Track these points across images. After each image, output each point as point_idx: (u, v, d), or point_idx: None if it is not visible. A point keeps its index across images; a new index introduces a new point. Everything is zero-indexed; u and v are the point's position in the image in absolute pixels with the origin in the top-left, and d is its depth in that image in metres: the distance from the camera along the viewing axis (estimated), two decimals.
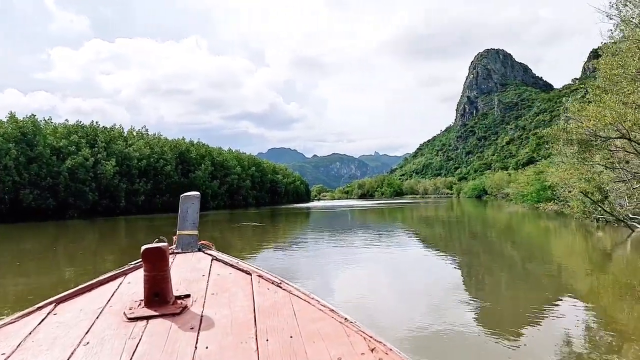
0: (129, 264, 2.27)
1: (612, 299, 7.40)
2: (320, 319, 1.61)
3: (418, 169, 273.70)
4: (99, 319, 1.63)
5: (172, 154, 57.96)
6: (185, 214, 2.60)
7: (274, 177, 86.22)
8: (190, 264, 2.28)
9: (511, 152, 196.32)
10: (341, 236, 19.76)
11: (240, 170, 69.65)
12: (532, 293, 7.67)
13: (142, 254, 1.67)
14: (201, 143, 67.89)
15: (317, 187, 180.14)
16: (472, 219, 29.90)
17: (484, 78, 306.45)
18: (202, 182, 59.88)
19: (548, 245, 14.68)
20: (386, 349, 1.38)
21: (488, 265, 11.14)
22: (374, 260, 12.03)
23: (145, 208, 50.80)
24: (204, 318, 1.62)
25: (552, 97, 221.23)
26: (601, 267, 10.60)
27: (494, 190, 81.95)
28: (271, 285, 1.95)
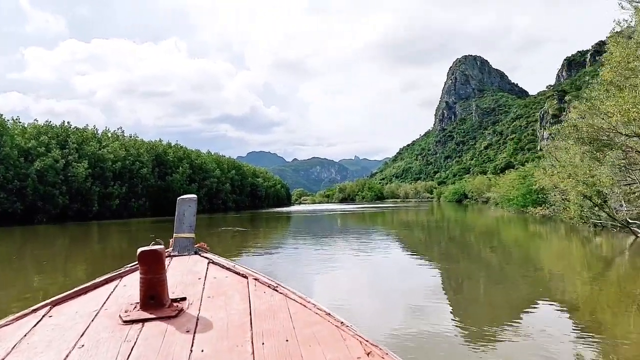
0: (125, 266, 2.25)
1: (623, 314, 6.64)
2: (316, 322, 1.61)
3: (398, 173, 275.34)
4: (94, 321, 1.62)
5: (148, 156, 56.04)
6: (182, 216, 2.59)
7: (254, 181, 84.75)
8: (186, 267, 2.27)
9: (489, 156, 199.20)
10: (323, 241, 19.15)
11: (219, 173, 68.03)
12: (549, 312, 6.90)
13: (138, 257, 1.68)
14: (179, 145, 66.06)
15: (297, 191, 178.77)
16: (462, 225, 29.27)
17: (462, 84, 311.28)
18: (180, 185, 58.10)
19: (551, 254, 14.02)
20: (382, 352, 1.40)
21: (489, 277, 10.34)
22: (358, 265, 11.81)
23: (120, 212, 48.81)
24: (199, 321, 1.62)
25: (528, 103, 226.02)
26: (619, 278, 9.91)
27: (475, 194, 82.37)
28: (267, 288, 1.95)
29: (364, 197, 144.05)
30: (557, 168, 18.65)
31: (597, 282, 8.98)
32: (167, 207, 56.45)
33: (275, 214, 53.41)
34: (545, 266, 11.44)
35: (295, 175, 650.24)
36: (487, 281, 9.53)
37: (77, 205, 44.52)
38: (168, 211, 57.14)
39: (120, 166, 50.45)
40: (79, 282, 2.08)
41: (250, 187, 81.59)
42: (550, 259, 12.62)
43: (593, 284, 8.82)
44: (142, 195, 52.75)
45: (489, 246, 16.01)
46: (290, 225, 33.68)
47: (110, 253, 17.35)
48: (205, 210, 62.69)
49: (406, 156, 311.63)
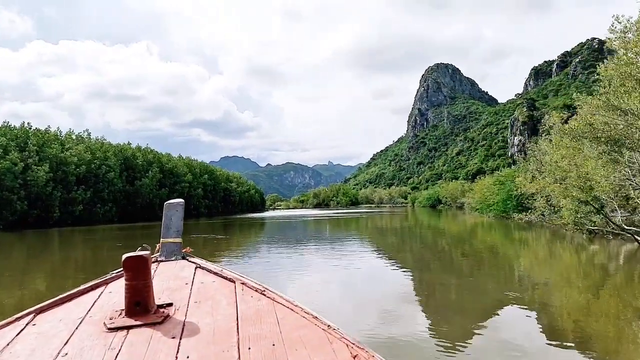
0: (110, 272, 2.21)
1: None
2: (303, 326, 1.62)
3: (371, 179, 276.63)
4: (78, 329, 1.60)
5: (116, 159, 53.51)
6: (169, 221, 2.58)
7: (227, 186, 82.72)
8: (173, 272, 2.25)
9: (461, 162, 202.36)
10: (298, 248, 18.60)
11: (191, 178, 65.87)
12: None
13: (123, 263, 1.66)
14: (149, 149, 63.62)
15: (271, 196, 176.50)
16: (444, 233, 28.61)
17: (434, 91, 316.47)
18: (149, 190, 55.80)
19: (552, 263, 13.33)
20: (369, 355, 1.41)
21: (492, 297, 9.46)
22: (333, 272, 11.59)
23: (84, 219, 46.24)
24: (186, 327, 1.61)
25: (498, 110, 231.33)
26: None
27: (449, 199, 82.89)
28: (255, 292, 1.96)
29: (339, 203, 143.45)
30: (545, 173, 18.12)
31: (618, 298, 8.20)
32: (136, 213, 54.16)
33: (249, 220, 51.87)
34: (556, 284, 10.26)
35: (269, 181, 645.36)
36: (492, 303, 8.54)
37: (36, 211, 41.85)
38: (137, 217, 54.98)
39: (85, 170, 47.87)
40: (39, 295, 1.76)
41: (223, 192, 79.55)
42: (561, 275, 11.36)
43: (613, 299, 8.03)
44: (109, 200, 50.24)
45: (482, 257, 15.20)
46: (264, 232, 32.41)
47: (73, 263, 16.03)
48: None
49: (379, 162, 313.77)
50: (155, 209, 56.77)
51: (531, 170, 23.00)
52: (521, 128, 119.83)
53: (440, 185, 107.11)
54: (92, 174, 49.11)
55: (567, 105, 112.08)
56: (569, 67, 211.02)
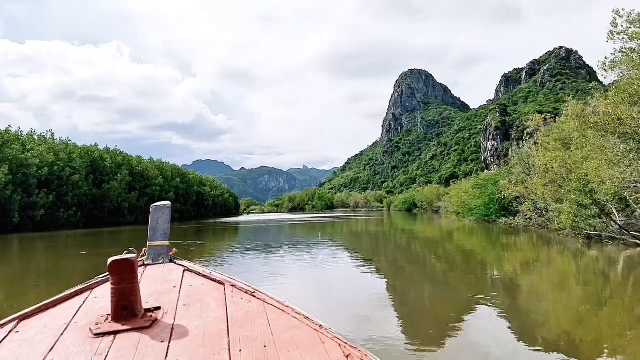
0: (96, 277, 2.18)
1: None
2: (294, 327, 1.61)
3: (346, 183, 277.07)
4: (63, 335, 1.57)
5: (82, 161, 50.76)
6: (156, 224, 2.57)
7: (200, 189, 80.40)
8: (161, 276, 2.24)
9: (434, 167, 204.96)
10: (273, 253, 18.19)
11: (162, 181, 63.51)
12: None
13: (109, 267, 1.63)
14: (118, 150, 60.89)
15: (246, 200, 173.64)
16: (427, 239, 27.87)
17: (408, 96, 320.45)
18: (118, 193, 53.30)
19: (560, 273, 12.58)
20: (361, 354, 1.42)
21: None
22: (311, 278, 11.35)
23: (46, 224, 43.53)
24: (175, 330, 1.59)
25: (470, 116, 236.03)
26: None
27: (425, 203, 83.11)
28: (245, 294, 1.95)
29: (314, 207, 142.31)
30: (533, 175, 17.55)
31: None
32: (103, 218, 51.57)
33: (223, 225, 50.15)
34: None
35: (243, 185, 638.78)
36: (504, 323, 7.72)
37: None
38: (104, 222, 52.37)
39: (48, 172, 45.08)
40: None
41: (196, 196, 77.23)
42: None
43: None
44: (73, 204, 47.54)
45: (476, 267, 14.38)
46: (240, 238, 31.03)
47: (35, 272, 14.48)
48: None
49: (354, 166, 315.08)
50: (124, 213, 54.32)
51: (517, 173, 22.53)
52: (494, 133, 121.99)
53: (415, 190, 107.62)
54: (55, 177, 46.34)
55: (538, 111, 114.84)
56: (538, 75, 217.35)
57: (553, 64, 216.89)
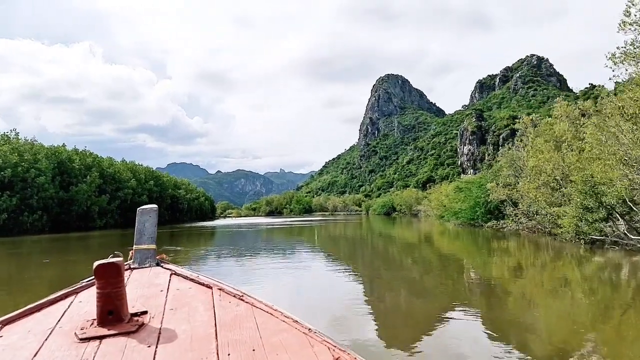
0: (81, 281, 2.15)
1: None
2: (283, 330, 1.61)
3: (324, 187, 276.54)
4: (48, 340, 1.55)
5: (48, 163, 48.08)
6: (143, 227, 2.57)
7: (175, 193, 77.99)
8: (147, 279, 2.22)
9: (411, 171, 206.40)
10: (249, 258, 17.73)
11: (135, 184, 61.09)
12: None
13: (95, 271, 1.61)
14: (88, 151, 58.21)
15: (222, 204, 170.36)
16: (415, 244, 27.03)
17: (385, 101, 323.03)
18: (87, 196, 50.79)
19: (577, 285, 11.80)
20: (351, 357, 1.43)
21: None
22: (289, 285, 11.07)
23: (9, 228, 40.98)
24: (162, 335, 1.58)
25: (446, 121, 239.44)
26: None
27: (404, 207, 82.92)
28: (233, 298, 1.94)
29: (292, 210, 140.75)
30: (525, 178, 16.91)
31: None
32: (70, 223, 49.01)
33: (199, 229, 48.37)
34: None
35: (219, 188, 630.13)
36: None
37: None
38: (71, 227, 49.73)
39: (11, 174, 42.47)
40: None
41: (170, 200, 74.80)
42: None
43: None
44: (38, 208, 44.93)
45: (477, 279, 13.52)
46: (216, 242, 29.61)
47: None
48: (118, 224, 55.66)
49: (332, 170, 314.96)
50: (93, 217, 51.83)
51: (505, 175, 21.96)
52: (470, 137, 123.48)
53: (394, 193, 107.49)
54: (19, 178, 43.70)
55: (512, 116, 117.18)
56: (511, 82, 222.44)
57: (525, 71, 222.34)
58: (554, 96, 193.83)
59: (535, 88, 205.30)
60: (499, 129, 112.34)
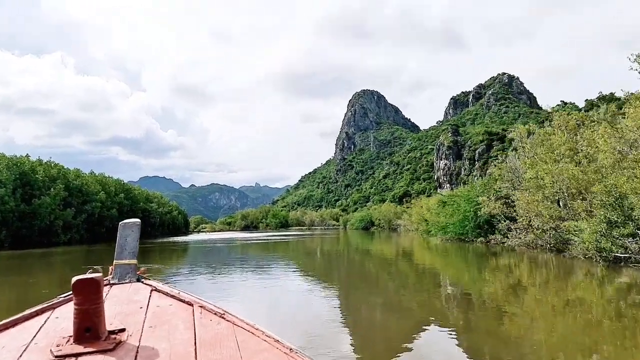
0: (58, 296, 2.09)
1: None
2: (264, 350, 1.60)
3: (299, 201, 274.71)
4: (22, 357, 1.53)
5: (9, 173, 45.00)
6: (124, 242, 2.52)
7: (147, 206, 74.94)
8: (127, 296, 2.18)
9: (387, 185, 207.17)
10: (225, 274, 17.07)
11: (104, 196, 58.11)
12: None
13: (73, 286, 1.58)
14: (52, 162, 55.08)
15: (195, 218, 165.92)
16: (406, 262, 25.84)
17: (361, 116, 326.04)
18: (51, 210, 47.72)
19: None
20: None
21: None
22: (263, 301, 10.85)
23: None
24: (139, 353, 1.55)
25: (421, 136, 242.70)
26: None
27: (382, 221, 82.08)
28: (214, 316, 1.92)
29: (268, 225, 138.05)
30: (525, 190, 15.94)
31: None
32: (33, 238, 45.79)
33: (171, 245, 45.93)
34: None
35: (193, 202, 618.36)
36: None
37: None
38: (34, 242, 46.36)
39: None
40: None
41: (142, 214, 71.64)
42: None
43: None
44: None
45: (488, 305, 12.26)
46: (189, 259, 27.67)
47: None
48: (85, 240, 52.54)
49: (308, 184, 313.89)
50: (57, 232, 48.71)
51: (497, 188, 21.03)
52: (446, 152, 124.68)
53: (371, 208, 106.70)
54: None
55: (488, 132, 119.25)
56: (484, 99, 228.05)
57: (497, 89, 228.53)
58: (525, 113, 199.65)
59: (507, 105, 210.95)
60: (475, 144, 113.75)
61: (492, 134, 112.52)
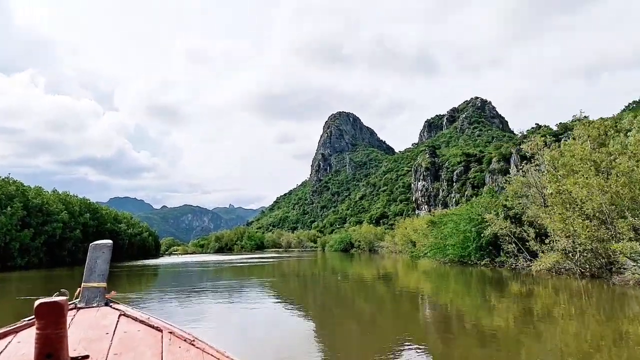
0: (21, 320, 2.00)
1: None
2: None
3: (275, 222, 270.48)
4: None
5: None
6: (94, 264, 2.42)
7: (115, 227, 70.43)
8: (93, 320, 2.07)
9: (364, 207, 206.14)
10: (199, 301, 15.49)
11: (67, 217, 53.81)
12: None
13: (35, 310, 1.52)
14: (10, 179, 50.75)
15: (167, 240, 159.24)
16: (407, 290, 23.43)
17: (336, 137, 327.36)
18: (6, 230, 43.44)
19: None
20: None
21: None
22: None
23: None
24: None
25: (397, 158, 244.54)
26: None
27: (362, 243, 79.82)
28: (183, 343, 1.86)
29: (243, 247, 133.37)
30: (555, 206, 14.06)
31: None
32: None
33: (140, 269, 42.28)
34: None
35: (164, 224, 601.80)
36: None
37: None
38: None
39: None
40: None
41: (109, 235, 67.19)
42: None
43: None
44: None
45: None
46: (159, 282, 24.65)
47: None
48: (44, 264, 48.05)
49: (283, 205, 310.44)
50: (12, 255, 44.30)
51: (509, 204, 19.15)
52: (424, 174, 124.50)
53: (350, 229, 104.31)
54: None
55: (465, 153, 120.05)
56: (458, 122, 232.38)
57: (470, 112, 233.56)
58: (497, 136, 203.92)
59: (480, 128, 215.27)
60: (453, 165, 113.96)
61: (469, 156, 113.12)
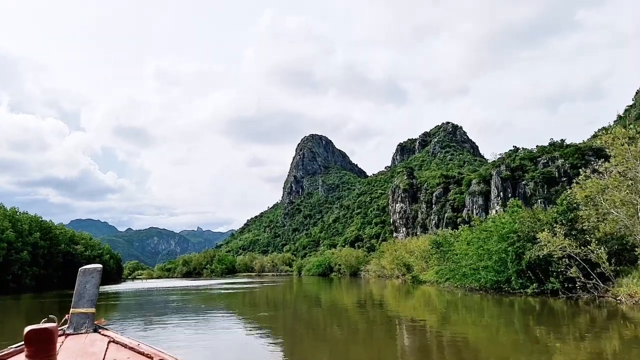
0: (10, 347, 1.96)
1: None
2: None
3: (245, 245, 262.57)
4: None
5: None
6: (83, 289, 2.38)
7: (70, 249, 63.48)
8: (82, 347, 2.00)
9: (338, 229, 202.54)
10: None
11: (14, 236, 47.27)
12: None
13: (25, 336, 1.51)
14: None
15: (130, 264, 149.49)
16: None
17: (309, 160, 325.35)
18: None
19: None
20: None
21: None
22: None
23: None
24: None
25: (370, 180, 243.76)
26: None
27: (343, 267, 75.37)
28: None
29: (213, 271, 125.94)
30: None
31: None
32: None
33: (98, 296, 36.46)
34: None
35: (129, 247, 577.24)
36: None
37: None
38: None
39: None
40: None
41: (63, 258, 60.25)
42: None
43: None
44: None
45: None
46: (118, 312, 19.76)
47: None
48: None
49: (253, 228, 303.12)
50: None
51: (585, 216, 15.37)
52: (402, 195, 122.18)
53: (329, 252, 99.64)
54: None
55: (444, 175, 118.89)
56: (430, 146, 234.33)
57: (442, 137, 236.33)
58: (469, 161, 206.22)
59: (452, 152, 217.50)
60: (432, 187, 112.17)
61: (448, 177, 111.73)
